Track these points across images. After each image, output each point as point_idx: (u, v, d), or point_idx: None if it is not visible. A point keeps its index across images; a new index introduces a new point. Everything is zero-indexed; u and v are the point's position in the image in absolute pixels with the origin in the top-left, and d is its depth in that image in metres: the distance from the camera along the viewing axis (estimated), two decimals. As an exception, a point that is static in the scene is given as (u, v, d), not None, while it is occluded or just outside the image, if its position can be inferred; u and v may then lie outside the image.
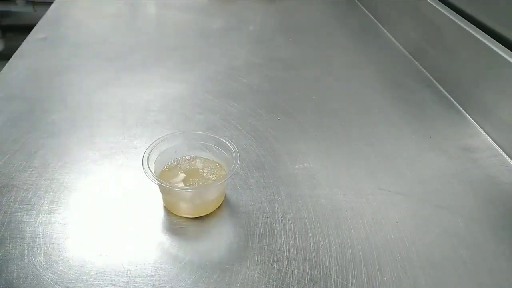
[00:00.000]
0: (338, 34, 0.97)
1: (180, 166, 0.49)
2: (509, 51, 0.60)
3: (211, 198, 0.47)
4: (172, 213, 0.47)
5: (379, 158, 0.58)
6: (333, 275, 0.41)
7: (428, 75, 0.79)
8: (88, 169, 0.52)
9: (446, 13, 0.74)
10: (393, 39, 0.94)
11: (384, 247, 0.45)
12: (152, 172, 0.43)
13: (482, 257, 0.44)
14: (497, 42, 0.62)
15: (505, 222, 0.49)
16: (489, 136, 0.63)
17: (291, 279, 0.41)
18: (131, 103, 0.66)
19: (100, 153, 0.55)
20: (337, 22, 1.04)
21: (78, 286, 0.39)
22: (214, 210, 0.48)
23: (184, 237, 0.45)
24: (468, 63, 0.68)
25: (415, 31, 0.86)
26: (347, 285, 0.41)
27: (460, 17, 0.71)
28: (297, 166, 0.55)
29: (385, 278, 0.41)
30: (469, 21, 0.69)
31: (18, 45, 0.81)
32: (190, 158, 0.50)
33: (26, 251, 0.42)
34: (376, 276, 0.42)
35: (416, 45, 0.85)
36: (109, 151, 0.56)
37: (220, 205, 0.48)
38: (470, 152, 0.60)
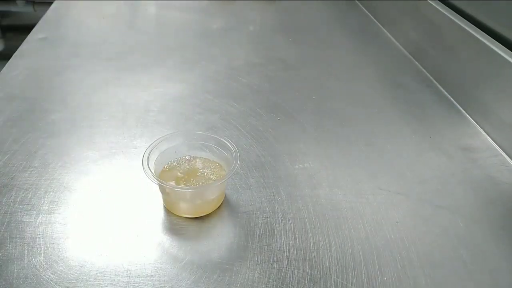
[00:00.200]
0: (338, 34, 0.97)
1: (180, 166, 0.49)
2: (509, 51, 0.60)
3: (211, 198, 0.47)
4: (172, 213, 0.47)
5: (379, 158, 0.58)
6: (333, 275, 0.41)
7: (428, 75, 0.79)
8: (88, 169, 0.52)
9: (446, 13, 0.74)
10: (393, 39, 0.94)
11: (384, 247, 0.45)
12: (152, 172, 0.43)
13: (482, 257, 0.44)
14: (497, 42, 0.62)
15: (505, 222, 0.49)
16: (489, 136, 0.63)
17: (291, 279, 0.41)
18: (131, 103, 0.66)
19: (100, 153, 0.55)
20: (337, 22, 1.04)
21: (78, 286, 0.39)
22: (214, 210, 0.48)
23: (184, 237, 0.45)
24: (468, 63, 0.68)
25: (415, 31, 0.86)
26: (347, 285, 0.41)
27: (460, 17, 0.72)
28: (297, 166, 0.55)
29: (385, 278, 0.41)
30: (469, 21, 0.69)
31: (18, 45, 0.81)
32: (190, 158, 0.50)
33: (26, 251, 0.42)
34: (376, 276, 0.42)
35: (416, 45, 0.85)
36: (109, 151, 0.56)
37: (220, 205, 0.48)
38: (470, 152, 0.60)
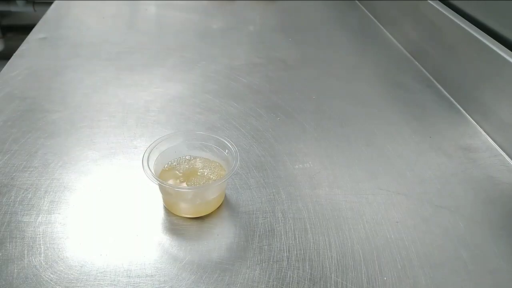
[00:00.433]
0: (338, 34, 0.97)
1: (180, 166, 0.49)
2: (509, 51, 0.60)
3: (211, 198, 0.47)
4: (172, 213, 0.47)
5: (379, 158, 0.58)
6: (333, 275, 0.41)
7: (428, 75, 0.79)
8: (88, 169, 0.52)
9: (446, 13, 0.74)
10: (393, 39, 0.94)
11: (384, 247, 0.45)
12: (152, 172, 0.43)
13: (482, 257, 0.44)
14: (497, 42, 0.62)
15: (505, 222, 0.49)
16: (489, 136, 0.63)
17: (291, 279, 0.41)
18: (131, 103, 0.66)
19: (100, 153, 0.55)
20: (337, 22, 1.04)
21: (78, 286, 0.39)
22: (214, 210, 0.48)
23: (184, 237, 0.45)
24: (468, 63, 0.68)
25: (415, 31, 0.86)
26: (347, 285, 0.41)
27: (460, 17, 0.71)
28: (297, 166, 0.55)
29: (385, 278, 0.41)
30: (469, 21, 0.69)
31: (18, 45, 0.81)
32: (190, 158, 0.50)
33: (26, 251, 0.42)
34: (376, 276, 0.42)
35: (416, 45, 0.85)
36: (109, 151, 0.56)
37: (220, 205, 0.48)
38: (470, 152, 0.60)
